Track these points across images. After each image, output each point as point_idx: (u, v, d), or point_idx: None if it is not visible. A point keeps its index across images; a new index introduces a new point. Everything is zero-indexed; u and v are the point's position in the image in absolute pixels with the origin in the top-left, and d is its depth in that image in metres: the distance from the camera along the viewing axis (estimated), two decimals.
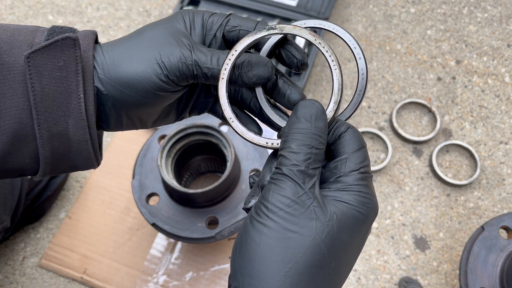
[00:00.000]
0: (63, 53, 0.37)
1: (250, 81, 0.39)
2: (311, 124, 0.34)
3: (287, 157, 0.33)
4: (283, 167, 0.33)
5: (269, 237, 0.32)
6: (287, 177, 0.33)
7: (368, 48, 1.08)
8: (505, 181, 0.92)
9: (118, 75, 0.39)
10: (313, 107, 0.35)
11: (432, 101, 1.01)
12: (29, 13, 1.16)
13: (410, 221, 0.90)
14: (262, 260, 0.32)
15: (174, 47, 0.39)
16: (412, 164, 0.95)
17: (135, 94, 0.39)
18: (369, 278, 0.85)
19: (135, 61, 0.39)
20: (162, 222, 0.71)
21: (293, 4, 1.03)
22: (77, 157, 0.40)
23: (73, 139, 0.39)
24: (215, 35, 0.41)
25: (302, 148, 0.34)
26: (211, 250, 0.85)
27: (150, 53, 0.39)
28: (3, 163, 0.39)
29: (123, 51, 0.40)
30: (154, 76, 0.38)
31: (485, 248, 0.75)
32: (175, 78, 0.39)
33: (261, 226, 0.33)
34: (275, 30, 0.39)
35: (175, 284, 0.83)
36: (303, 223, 0.32)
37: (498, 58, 1.05)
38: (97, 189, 0.92)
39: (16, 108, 0.37)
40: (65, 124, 0.38)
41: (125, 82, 0.39)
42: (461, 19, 1.11)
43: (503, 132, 0.97)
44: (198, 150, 0.78)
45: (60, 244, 0.88)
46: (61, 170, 0.41)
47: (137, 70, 0.39)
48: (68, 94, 0.38)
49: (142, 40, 0.40)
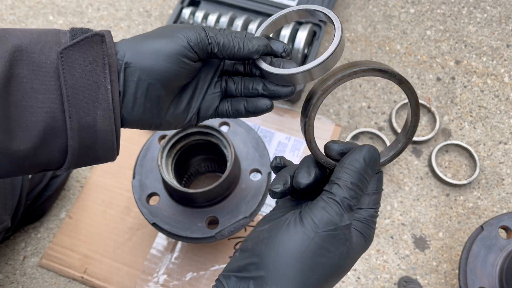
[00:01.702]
0: (92, 49, 0.41)
1: (254, 48, 0.44)
2: (368, 169, 0.40)
3: (342, 189, 0.39)
4: (337, 196, 0.39)
5: (307, 247, 0.37)
6: (339, 205, 0.38)
7: (368, 48, 1.08)
8: (504, 181, 0.93)
9: (145, 48, 0.43)
10: (375, 156, 0.41)
11: (432, 101, 1.01)
12: (30, 13, 1.16)
13: (409, 221, 0.90)
14: (294, 261, 0.37)
15: (192, 28, 0.44)
16: (411, 164, 0.95)
17: (161, 60, 0.43)
18: (369, 277, 0.85)
19: (159, 38, 0.43)
20: (162, 222, 0.72)
21: (293, 4, 1.03)
22: (101, 148, 0.44)
23: (100, 129, 0.42)
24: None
25: (355, 187, 0.39)
26: (211, 250, 0.85)
27: (171, 32, 0.44)
28: (32, 157, 0.41)
29: (144, 36, 0.44)
30: (178, 45, 0.43)
31: (485, 248, 0.75)
32: (194, 46, 0.43)
33: (304, 235, 0.38)
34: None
35: (175, 283, 0.83)
36: (337, 246, 0.38)
37: (497, 59, 1.05)
38: (97, 189, 0.92)
39: (49, 102, 0.40)
40: (94, 115, 0.41)
41: (153, 51, 0.43)
42: (461, 20, 1.11)
43: (502, 132, 0.97)
44: (198, 150, 0.79)
45: (61, 244, 0.88)
46: (84, 162, 0.44)
47: (163, 42, 0.43)
48: (97, 86, 0.41)
49: (159, 30, 0.45)
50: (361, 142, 0.98)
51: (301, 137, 0.96)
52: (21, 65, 0.39)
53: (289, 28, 0.93)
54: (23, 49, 0.40)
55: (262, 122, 0.97)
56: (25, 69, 0.40)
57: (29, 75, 0.40)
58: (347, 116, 1.00)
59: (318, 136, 0.96)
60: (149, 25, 1.14)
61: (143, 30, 1.14)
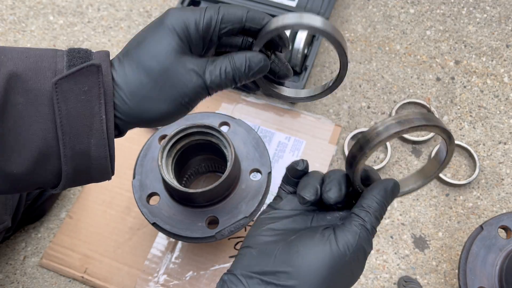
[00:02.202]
0: (88, 79, 0.41)
1: (255, 76, 0.45)
2: (390, 200, 0.44)
3: (372, 217, 0.42)
4: (368, 224, 0.42)
5: (339, 268, 0.40)
6: (369, 232, 0.42)
7: (368, 48, 1.08)
8: (504, 181, 0.93)
9: (143, 116, 0.43)
10: (397, 189, 0.44)
11: (431, 101, 1.01)
12: (30, 14, 1.16)
13: (409, 221, 0.90)
14: (323, 277, 0.40)
15: (187, 82, 0.43)
16: (411, 164, 0.95)
17: (162, 124, 0.45)
18: (368, 277, 0.85)
19: (157, 102, 0.43)
20: (162, 221, 0.72)
21: (293, 4, 1.03)
22: (95, 172, 0.44)
23: (94, 156, 0.43)
24: (211, 39, 0.45)
25: (379, 216, 0.43)
26: (212, 249, 0.85)
27: (168, 94, 0.43)
28: (27, 179, 0.42)
29: (139, 85, 0.43)
30: (179, 112, 0.44)
31: (484, 247, 0.76)
32: (194, 102, 0.44)
33: (338, 255, 0.40)
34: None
35: (175, 283, 0.83)
36: (360, 267, 0.42)
37: (497, 59, 1.06)
38: (97, 189, 0.92)
39: (43, 130, 0.41)
40: (88, 143, 0.42)
41: (151, 120, 0.44)
42: (460, 20, 1.11)
43: (502, 132, 0.98)
44: (198, 150, 0.79)
45: (61, 244, 0.88)
46: (79, 183, 0.45)
47: (162, 110, 0.43)
48: (92, 116, 0.41)
49: (165, 71, 0.43)
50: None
51: (301, 137, 0.96)
52: (16, 92, 0.39)
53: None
54: (18, 75, 0.40)
55: (262, 122, 0.97)
56: (20, 96, 0.40)
57: (24, 102, 0.40)
58: (347, 116, 1.00)
59: (318, 136, 0.96)
60: None
61: None
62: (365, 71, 1.05)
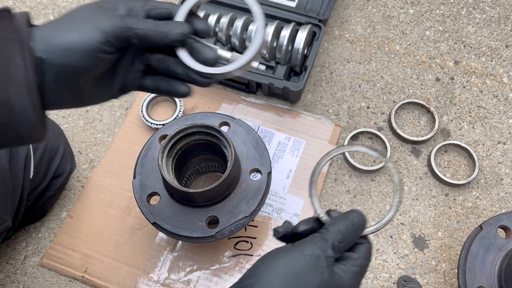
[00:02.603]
0: (1, 24, 0.41)
1: (175, 37, 0.46)
2: (354, 230, 0.47)
3: (331, 232, 0.46)
4: (325, 235, 0.45)
5: (293, 267, 0.43)
6: (325, 241, 0.45)
7: (367, 48, 1.08)
8: (503, 180, 0.93)
9: (60, 42, 0.42)
10: (362, 220, 0.47)
11: (431, 101, 1.02)
12: (31, 14, 1.17)
13: (408, 221, 0.90)
14: (280, 276, 0.43)
15: (108, 16, 0.44)
16: (410, 164, 0.96)
17: (77, 58, 0.43)
18: (368, 277, 0.86)
19: (74, 29, 0.43)
20: (162, 221, 0.72)
21: (293, 5, 1.03)
22: (22, 127, 0.42)
23: (16, 105, 0.41)
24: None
25: (342, 233, 0.46)
26: (212, 249, 0.85)
27: (87, 22, 0.44)
28: None
29: (60, 24, 0.44)
30: (94, 41, 0.43)
31: (484, 247, 0.76)
32: (112, 40, 0.44)
33: (293, 256, 0.44)
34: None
35: (175, 283, 0.83)
36: (319, 272, 0.44)
37: (496, 59, 1.06)
38: (98, 188, 0.93)
39: None
40: (6, 92, 0.40)
41: (68, 47, 0.42)
42: (460, 20, 1.11)
43: (501, 132, 0.98)
44: (199, 150, 0.79)
45: (62, 244, 0.88)
46: (6, 141, 0.44)
47: (78, 36, 0.43)
48: (8, 61, 0.40)
49: (75, 15, 0.45)
50: (360, 142, 0.98)
51: (301, 137, 0.96)
52: None
53: (288, 29, 0.93)
54: None
55: (262, 122, 0.98)
56: None
57: None
58: (347, 116, 1.01)
59: (318, 136, 0.96)
60: None
61: None
62: (365, 71, 1.06)
